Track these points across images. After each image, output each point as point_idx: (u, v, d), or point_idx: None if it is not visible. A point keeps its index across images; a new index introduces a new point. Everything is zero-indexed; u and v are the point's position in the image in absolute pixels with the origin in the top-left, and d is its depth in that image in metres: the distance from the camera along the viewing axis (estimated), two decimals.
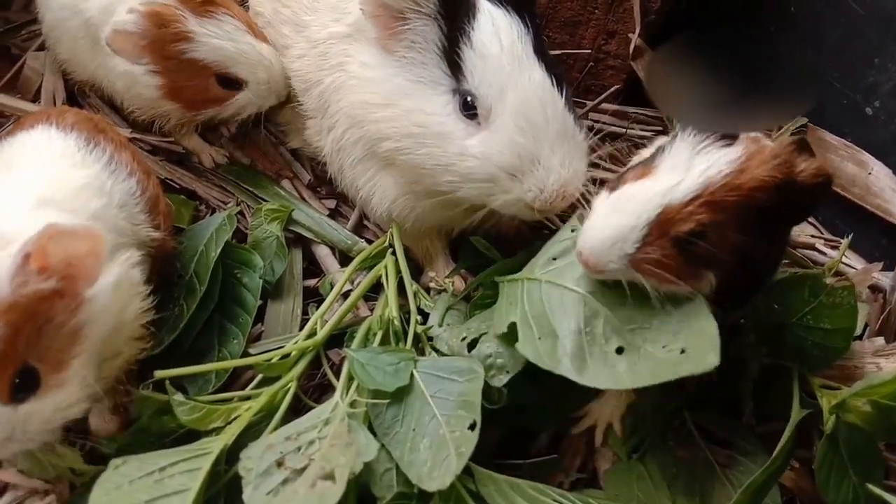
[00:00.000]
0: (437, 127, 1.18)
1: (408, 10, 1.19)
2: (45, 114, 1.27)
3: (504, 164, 1.15)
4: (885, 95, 1.62)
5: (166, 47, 1.41)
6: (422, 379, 1.11)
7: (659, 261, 0.96)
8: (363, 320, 1.29)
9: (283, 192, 1.57)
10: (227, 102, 1.50)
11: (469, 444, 1.00)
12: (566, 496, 1.07)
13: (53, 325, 0.93)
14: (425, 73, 1.20)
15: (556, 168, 1.14)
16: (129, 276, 1.07)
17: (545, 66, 1.17)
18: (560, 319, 1.03)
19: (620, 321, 1.00)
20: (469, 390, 1.07)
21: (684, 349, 0.94)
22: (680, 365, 0.92)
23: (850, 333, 1.17)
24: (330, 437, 1.03)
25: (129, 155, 1.26)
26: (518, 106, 1.14)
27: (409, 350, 1.19)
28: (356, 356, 1.14)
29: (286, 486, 0.96)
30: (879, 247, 1.65)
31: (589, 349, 0.99)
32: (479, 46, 1.16)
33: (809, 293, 1.15)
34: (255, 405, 1.11)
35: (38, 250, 0.90)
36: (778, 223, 1.04)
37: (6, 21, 1.84)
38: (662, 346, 0.95)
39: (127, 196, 1.19)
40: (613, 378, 0.96)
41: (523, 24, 1.18)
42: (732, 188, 0.96)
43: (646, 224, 0.97)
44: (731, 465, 1.18)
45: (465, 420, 1.03)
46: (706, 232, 0.97)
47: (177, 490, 0.96)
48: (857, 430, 1.11)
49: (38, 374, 0.92)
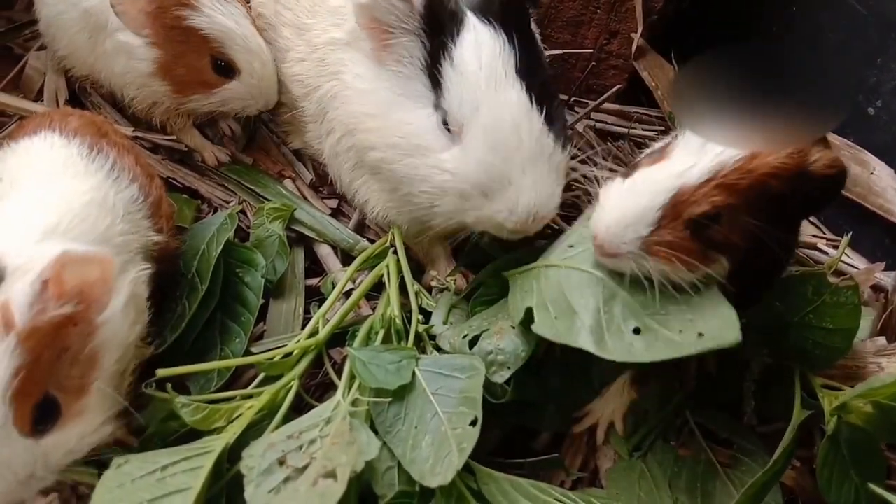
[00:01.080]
0: (417, 139, 1.20)
1: (395, 25, 1.20)
2: (49, 118, 1.27)
3: (474, 181, 1.15)
4: (887, 95, 1.62)
5: (169, 12, 1.41)
6: (423, 377, 1.11)
7: (672, 243, 0.96)
8: (365, 319, 1.29)
9: (286, 192, 1.57)
10: (216, 90, 1.49)
11: (470, 440, 1.01)
12: (567, 495, 1.07)
13: (71, 352, 0.93)
14: (411, 87, 1.22)
15: (528, 190, 1.14)
16: (136, 294, 1.07)
17: (526, 86, 1.15)
18: (578, 299, 1.04)
19: (638, 304, 1.00)
20: (470, 387, 1.07)
21: (702, 333, 0.94)
22: (700, 342, 0.93)
23: (852, 334, 1.16)
24: (332, 435, 1.03)
25: (132, 159, 1.26)
26: (490, 125, 1.13)
27: (411, 348, 1.19)
28: (358, 355, 1.15)
29: (288, 485, 0.96)
30: (882, 247, 1.65)
31: (607, 326, 0.99)
32: (459, 63, 1.16)
33: (813, 291, 1.15)
34: (258, 404, 1.11)
35: (55, 277, 0.90)
36: (791, 212, 1.03)
37: (8, 21, 1.84)
38: (679, 330, 0.96)
39: (130, 203, 1.19)
40: (630, 352, 0.96)
41: (509, 41, 1.16)
42: (745, 171, 0.95)
43: (661, 206, 0.97)
44: (732, 465, 1.18)
45: (467, 417, 1.03)
46: (720, 214, 0.96)
47: (179, 489, 0.96)
48: (859, 431, 1.11)
49: (58, 404, 0.92)
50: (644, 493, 1.13)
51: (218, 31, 1.44)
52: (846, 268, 1.62)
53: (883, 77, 1.63)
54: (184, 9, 1.41)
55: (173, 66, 1.47)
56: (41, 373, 0.90)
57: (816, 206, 1.12)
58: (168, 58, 1.46)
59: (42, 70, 1.72)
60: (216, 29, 1.43)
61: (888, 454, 1.21)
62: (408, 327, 1.26)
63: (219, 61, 1.47)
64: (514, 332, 1.14)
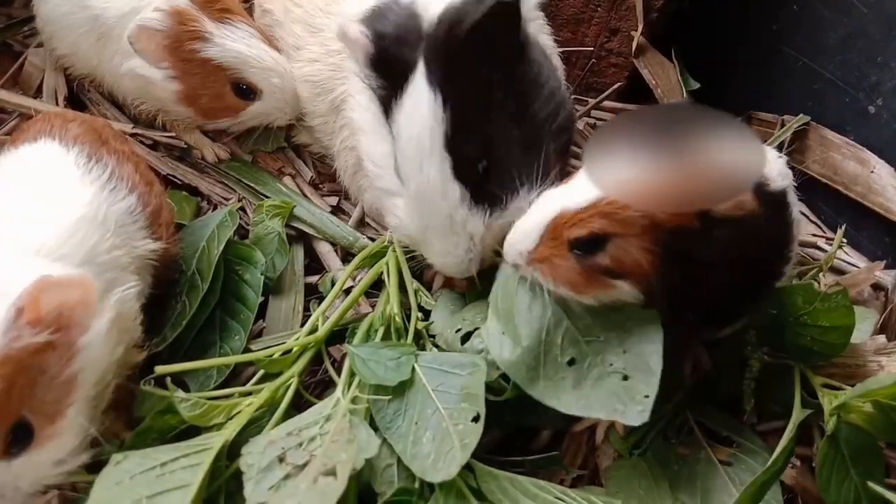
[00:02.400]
0: (383, 175, 1.25)
1: (358, 69, 1.23)
2: (50, 124, 1.25)
3: (411, 234, 1.23)
4: (887, 94, 1.62)
5: (184, 46, 1.43)
6: (423, 373, 1.11)
7: (552, 261, 1.02)
8: (364, 317, 1.29)
9: (285, 189, 1.57)
10: (242, 112, 1.52)
11: (474, 435, 1.01)
12: (567, 493, 1.07)
13: (47, 377, 0.92)
14: (382, 123, 1.23)
15: (437, 255, 1.21)
16: (122, 314, 1.06)
17: (453, 161, 1.14)
18: (525, 315, 1.08)
19: (580, 331, 1.05)
20: (471, 383, 1.07)
21: (626, 375, 1.00)
22: (610, 405, 0.99)
23: (849, 331, 1.16)
24: (331, 433, 1.03)
25: (131, 168, 1.25)
26: (414, 196, 1.18)
27: (410, 344, 1.19)
28: (357, 351, 1.15)
29: (287, 482, 0.96)
30: (882, 245, 1.64)
31: (544, 359, 1.05)
32: (397, 126, 1.17)
33: (803, 300, 1.15)
34: (257, 401, 1.11)
35: (31, 303, 0.89)
36: (715, 241, 1.00)
37: (8, 17, 1.84)
38: (610, 363, 1.01)
39: (125, 216, 1.17)
40: (558, 398, 1.02)
41: (446, 106, 1.12)
42: (623, 204, 0.97)
43: (543, 225, 1.02)
44: (732, 464, 1.18)
45: (469, 413, 1.04)
46: (605, 240, 0.99)
47: (178, 485, 0.95)
48: (859, 431, 1.11)
49: (31, 427, 0.90)
50: (644, 492, 1.13)
51: (232, 57, 1.46)
52: (846, 266, 1.61)
53: (883, 75, 1.62)
54: (196, 42, 1.43)
55: (196, 96, 1.50)
56: (15, 398, 0.88)
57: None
58: (189, 89, 1.49)
59: (41, 67, 1.72)
60: (230, 56, 1.46)
61: (887, 452, 1.21)
62: (407, 325, 1.26)
63: (239, 85, 1.49)
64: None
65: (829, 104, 1.75)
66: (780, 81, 1.87)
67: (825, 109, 1.76)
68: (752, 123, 1.93)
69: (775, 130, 1.80)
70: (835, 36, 1.71)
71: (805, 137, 1.78)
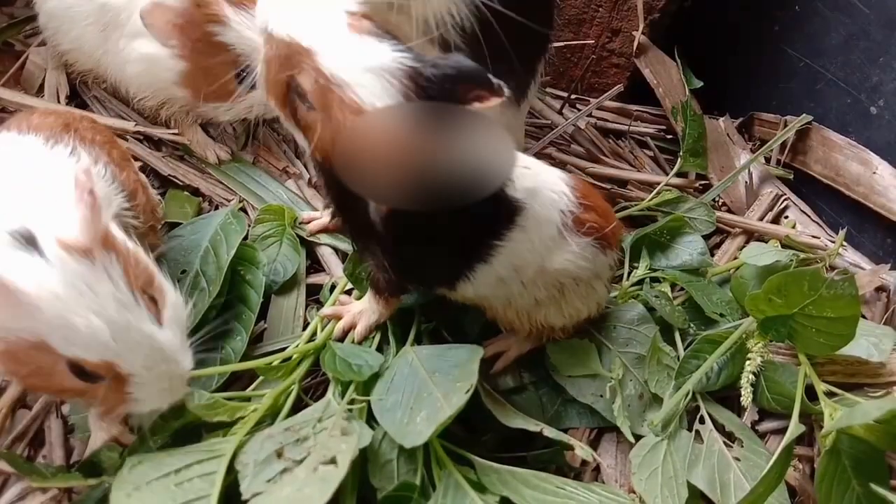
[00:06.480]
0: None
1: None
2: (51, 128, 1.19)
3: None
4: (889, 94, 1.62)
5: (198, 28, 1.40)
6: (421, 361, 1.13)
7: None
8: None
9: (286, 190, 1.57)
10: (240, 98, 1.48)
11: (462, 399, 1.02)
12: (568, 483, 1.08)
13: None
14: None
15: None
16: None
17: None
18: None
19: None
20: (466, 368, 1.09)
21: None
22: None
23: (855, 321, 1.14)
24: (329, 428, 1.04)
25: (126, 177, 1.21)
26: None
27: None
28: (333, 350, 1.18)
29: (285, 475, 0.97)
30: (884, 246, 1.65)
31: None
32: None
33: (809, 287, 1.14)
34: (261, 408, 1.11)
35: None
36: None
37: (10, 16, 1.84)
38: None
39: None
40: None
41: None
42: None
43: None
44: (740, 460, 1.18)
45: (463, 389, 1.05)
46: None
47: (198, 496, 0.95)
48: (861, 442, 1.10)
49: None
50: (664, 477, 1.14)
51: (247, 45, 1.43)
52: (850, 267, 1.62)
53: (885, 76, 1.62)
54: (214, 24, 1.40)
55: (199, 78, 1.46)
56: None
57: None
58: (195, 69, 1.46)
59: (43, 66, 1.71)
60: (245, 43, 1.43)
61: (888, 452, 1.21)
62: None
63: (244, 72, 1.47)
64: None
65: (831, 105, 1.75)
66: (782, 82, 1.87)
67: (827, 110, 1.76)
68: (755, 124, 1.93)
69: (777, 131, 1.80)
70: (837, 37, 1.72)
71: (807, 138, 1.78)
